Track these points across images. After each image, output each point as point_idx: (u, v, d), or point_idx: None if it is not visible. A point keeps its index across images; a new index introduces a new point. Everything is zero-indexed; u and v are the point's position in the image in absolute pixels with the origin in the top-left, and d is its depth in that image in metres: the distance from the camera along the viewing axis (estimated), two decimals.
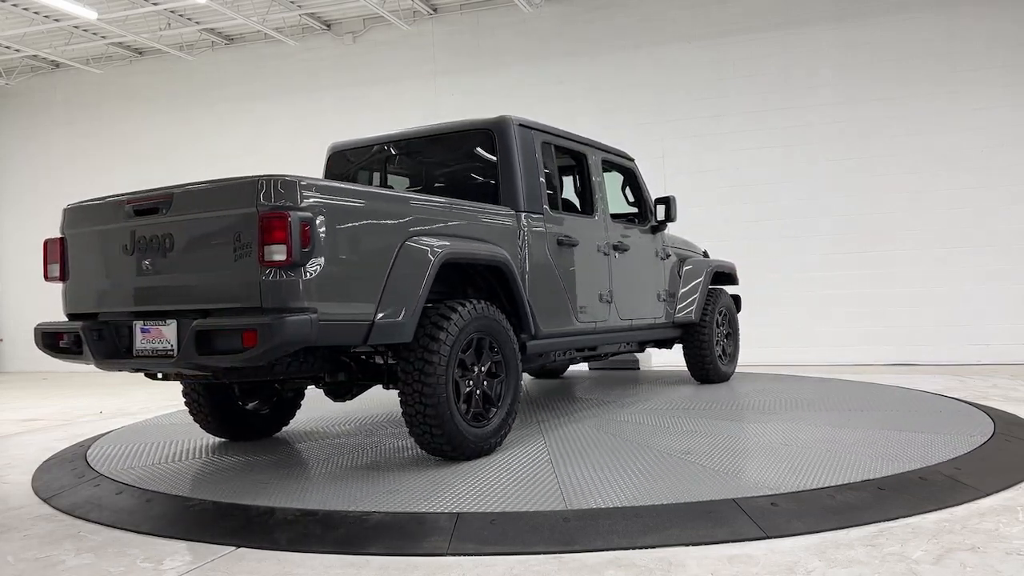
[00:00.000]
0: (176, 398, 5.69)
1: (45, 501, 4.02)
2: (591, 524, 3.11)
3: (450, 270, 4.25)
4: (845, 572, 2.62)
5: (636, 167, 6.57)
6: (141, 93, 14.00)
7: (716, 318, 6.98)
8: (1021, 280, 9.75)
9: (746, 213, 10.74)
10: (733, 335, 7.42)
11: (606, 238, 5.74)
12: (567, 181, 5.96)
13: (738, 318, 7.53)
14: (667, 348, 7.08)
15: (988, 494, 3.46)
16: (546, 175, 5.14)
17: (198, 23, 12.62)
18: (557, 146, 5.41)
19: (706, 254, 7.59)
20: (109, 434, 5.75)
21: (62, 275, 4.18)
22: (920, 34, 10.18)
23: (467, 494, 3.50)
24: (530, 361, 4.95)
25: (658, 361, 8.75)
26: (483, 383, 4.28)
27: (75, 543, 3.28)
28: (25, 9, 11.68)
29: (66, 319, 4.19)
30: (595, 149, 5.93)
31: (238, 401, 5.00)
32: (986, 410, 5.44)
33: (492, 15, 12.04)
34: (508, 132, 4.93)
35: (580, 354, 5.72)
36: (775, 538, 2.96)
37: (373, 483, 3.78)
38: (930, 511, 3.23)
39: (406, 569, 2.81)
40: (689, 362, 7.03)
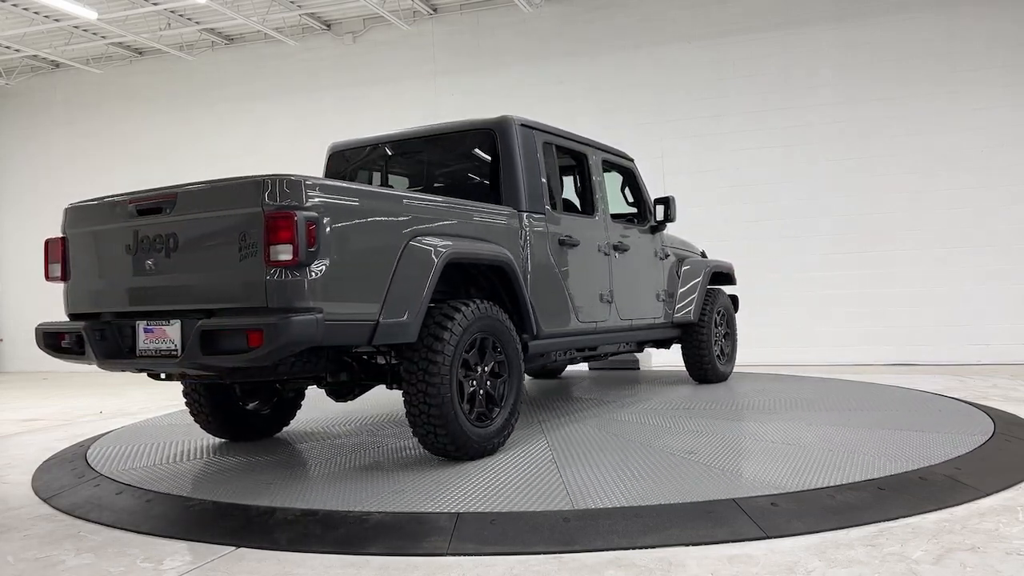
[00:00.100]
0: (176, 398, 5.69)
1: (45, 501, 4.02)
2: (591, 524, 3.11)
3: (453, 270, 4.25)
4: (845, 572, 2.62)
5: (635, 167, 6.57)
6: (141, 93, 14.00)
7: (714, 318, 6.99)
8: (1021, 280, 9.75)
9: (746, 213, 10.74)
10: (731, 335, 7.42)
11: (606, 238, 5.74)
12: (567, 181, 5.96)
13: (736, 318, 7.54)
14: (665, 348, 7.10)
15: (988, 494, 3.46)
16: (547, 175, 5.13)
17: (198, 23, 12.62)
18: (558, 146, 5.41)
19: (704, 254, 7.59)
20: (109, 434, 5.75)
21: (63, 275, 4.17)
22: (920, 34, 10.18)
23: (471, 494, 3.49)
24: (531, 361, 4.95)
25: (658, 361, 8.75)
26: (486, 383, 4.28)
27: (75, 543, 3.28)
28: (25, 9, 11.68)
29: (67, 319, 4.17)
30: (595, 149, 5.94)
31: (239, 401, 4.99)
32: (986, 410, 5.44)
33: (492, 15, 12.04)
34: (510, 132, 4.93)
35: (580, 354, 5.73)
36: (775, 538, 2.96)
37: (373, 483, 3.78)
38: (930, 511, 3.23)
39: (406, 569, 2.81)
40: (687, 362, 7.05)
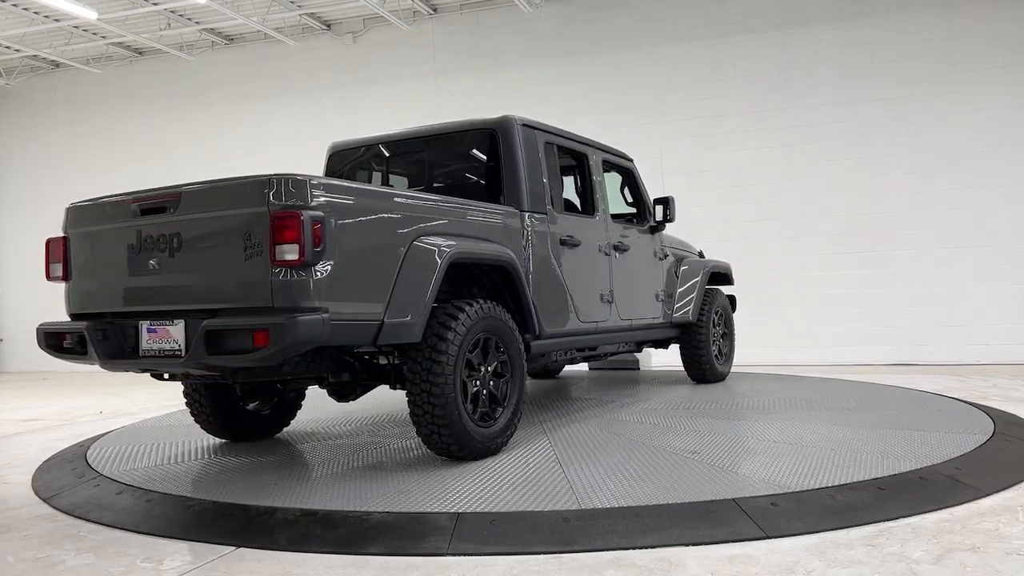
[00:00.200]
0: (176, 398, 5.69)
1: (45, 501, 4.02)
2: (591, 524, 3.10)
3: (456, 270, 4.24)
4: (845, 572, 2.62)
5: (635, 167, 6.57)
6: (141, 93, 14.00)
7: (712, 318, 7.00)
8: (1021, 280, 9.75)
9: (746, 213, 10.74)
10: (729, 335, 7.43)
11: (607, 238, 5.74)
12: (568, 181, 5.96)
13: (734, 318, 7.55)
14: (664, 348, 7.11)
15: (988, 494, 3.46)
16: (549, 175, 5.13)
17: (198, 23, 12.62)
18: (559, 146, 5.41)
19: (701, 254, 7.60)
20: (109, 434, 5.74)
21: (65, 275, 4.14)
22: (920, 34, 10.18)
23: (475, 494, 3.49)
24: (533, 361, 4.94)
25: (658, 361, 8.76)
26: (489, 383, 4.27)
27: (75, 543, 3.28)
28: (25, 9, 11.68)
29: (69, 319, 4.15)
30: (596, 149, 5.94)
31: (239, 402, 4.98)
32: (986, 410, 5.44)
33: (492, 15, 12.04)
34: (512, 132, 4.93)
35: (580, 354, 5.73)
36: (775, 538, 2.96)
37: (375, 483, 3.78)
38: (930, 511, 3.23)
39: (406, 569, 2.81)
40: (686, 362, 7.06)
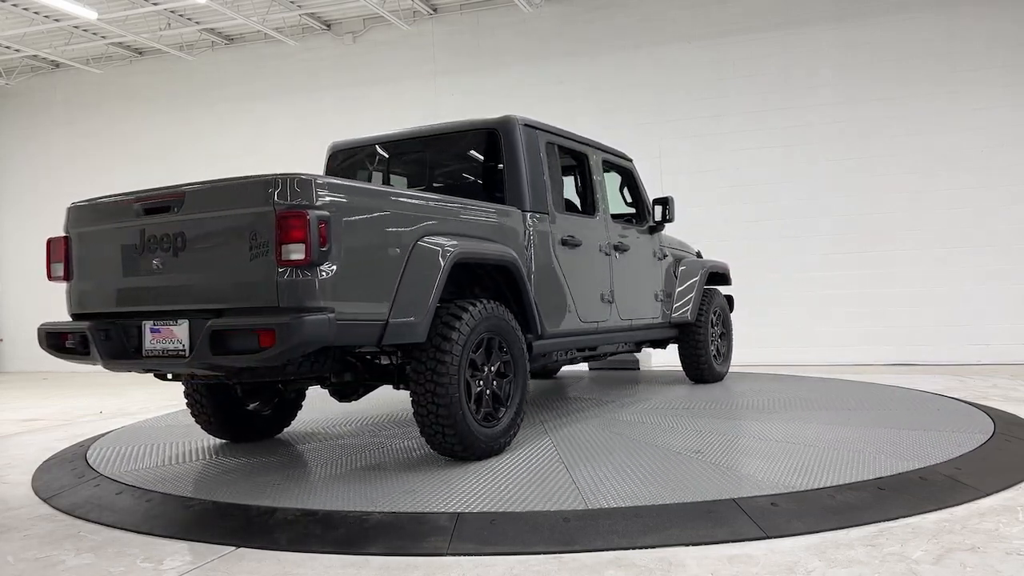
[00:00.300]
0: (175, 398, 5.69)
1: (45, 501, 4.02)
2: (591, 524, 3.10)
3: (458, 270, 4.23)
4: (845, 572, 2.62)
5: (634, 167, 6.57)
6: (141, 93, 13.99)
7: (711, 318, 7.02)
8: (1021, 280, 9.75)
9: (746, 213, 10.74)
10: (727, 335, 7.45)
11: (607, 238, 5.74)
12: (568, 181, 5.96)
13: (731, 318, 7.55)
14: (662, 348, 7.12)
15: (988, 494, 3.47)
16: (550, 175, 5.13)
17: (198, 23, 12.61)
18: (560, 146, 5.40)
19: (699, 254, 7.61)
20: (109, 434, 5.74)
21: (66, 274, 4.13)
22: (920, 34, 10.18)
23: (480, 494, 3.49)
24: (535, 361, 4.94)
25: (658, 361, 8.76)
26: (493, 383, 4.27)
27: (75, 543, 3.28)
28: (25, 9, 11.68)
29: (70, 319, 4.14)
30: (596, 149, 5.93)
31: (240, 402, 4.97)
32: (986, 410, 5.44)
33: (492, 15, 12.04)
34: (514, 132, 4.92)
35: (580, 354, 5.73)
36: (775, 538, 2.96)
37: (378, 484, 3.78)
38: (930, 511, 3.23)
39: (406, 569, 2.81)
40: (684, 362, 7.07)
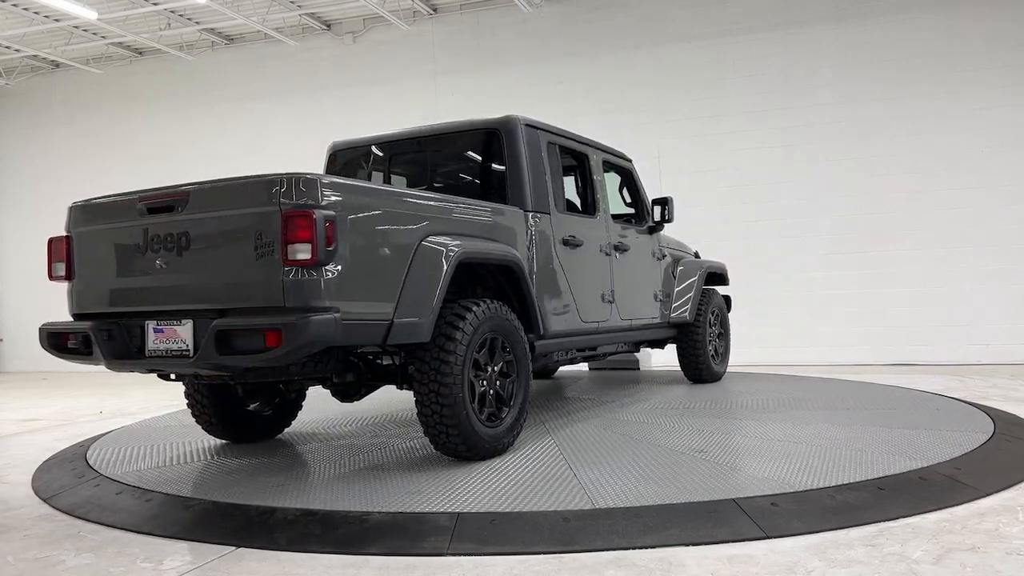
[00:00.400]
0: (175, 398, 5.70)
1: (45, 501, 4.02)
2: (591, 524, 3.10)
3: (461, 270, 4.22)
4: (845, 572, 2.62)
5: (634, 168, 6.57)
6: (141, 93, 14.00)
7: (709, 318, 7.03)
8: (1021, 280, 9.75)
9: (746, 213, 10.74)
10: (725, 335, 7.46)
11: (608, 238, 5.74)
12: (568, 181, 5.96)
13: (729, 318, 7.56)
14: (660, 348, 7.13)
15: (988, 494, 3.47)
16: (551, 175, 5.13)
17: (198, 23, 12.62)
18: (561, 146, 5.40)
19: (697, 254, 7.61)
20: (109, 434, 5.74)
21: (68, 274, 4.10)
22: (920, 34, 10.18)
23: (483, 494, 3.49)
24: (536, 361, 4.94)
25: (658, 361, 8.76)
26: (496, 383, 4.27)
27: (75, 543, 3.28)
28: (25, 9, 11.68)
29: (71, 319, 4.11)
30: (596, 149, 5.93)
31: (241, 402, 4.96)
32: (986, 410, 5.44)
33: (492, 15, 12.04)
34: (515, 132, 4.92)
35: (581, 354, 5.73)
36: (775, 538, 2.96)
37: (375, 484, 3.77)
38: (930, 511, 3.23)
39: (406, 569, 2.81)
40: (683, 362, 7.08)
